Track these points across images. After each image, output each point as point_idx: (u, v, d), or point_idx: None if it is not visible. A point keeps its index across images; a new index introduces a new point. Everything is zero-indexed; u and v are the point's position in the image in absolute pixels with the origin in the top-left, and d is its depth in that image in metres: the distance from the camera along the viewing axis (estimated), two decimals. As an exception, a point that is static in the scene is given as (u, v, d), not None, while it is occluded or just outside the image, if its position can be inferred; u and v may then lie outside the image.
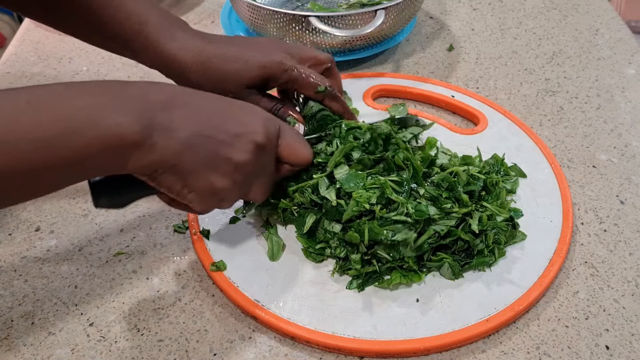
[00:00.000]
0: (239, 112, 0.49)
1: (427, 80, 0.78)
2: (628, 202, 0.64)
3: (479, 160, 0.64)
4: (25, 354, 0.50)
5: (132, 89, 0.44)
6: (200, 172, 0.46)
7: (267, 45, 0.59)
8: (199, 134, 0.45)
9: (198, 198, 0.47)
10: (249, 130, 0.48)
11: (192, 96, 0.47)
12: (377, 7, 0.76)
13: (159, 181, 0.45)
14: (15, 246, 0.59)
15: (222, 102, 0.49)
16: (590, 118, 0.75)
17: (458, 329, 0.50)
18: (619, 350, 0.51)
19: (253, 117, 0.49)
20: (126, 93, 0.43)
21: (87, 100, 0.41)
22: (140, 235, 0.60)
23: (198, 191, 0.47)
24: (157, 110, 0.43)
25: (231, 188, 0.48)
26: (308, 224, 0.55)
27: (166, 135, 0.43)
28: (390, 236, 0.51)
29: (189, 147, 0.44)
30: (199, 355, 0.50)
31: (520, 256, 0.57)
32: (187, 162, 0.45)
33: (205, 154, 0.46)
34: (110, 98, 0.42)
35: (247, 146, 0.47)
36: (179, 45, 0.56)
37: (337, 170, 0.55)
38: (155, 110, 0.43)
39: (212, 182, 0.47)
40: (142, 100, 0.43)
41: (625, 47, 0.88)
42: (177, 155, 0.44)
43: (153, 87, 0.45)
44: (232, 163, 0.47)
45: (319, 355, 0.50)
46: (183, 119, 0.44)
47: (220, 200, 0.49)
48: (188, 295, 0.55)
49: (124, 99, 0.42)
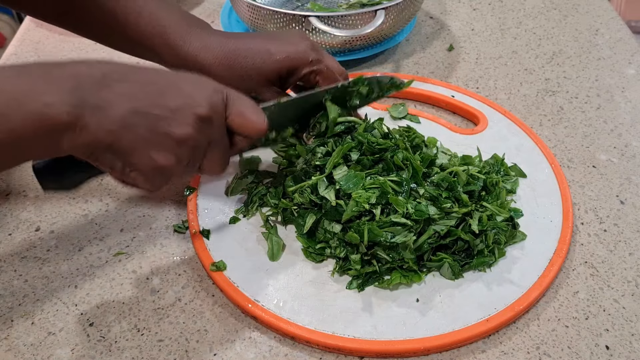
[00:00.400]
0: (181, 84, 0.47)
1: (427, 80, 0.78)
2: (628, 202, 0.64)
3: (478, 160, 0.64)
4: (25, 354, 0.50)
5: (66, 68, 0.42)
6: (139, 150, 0.44)
7: (290, 36, 0.59)
8: (136, 110, 0.43)
9: (142, 176, 0.46)
10: (190, 103, 0.45)
11: (131, 72, 0.45)
12: (377, 7, 0.76)
13: (100, 161, 0.44)
14: (15, 246, 0.59)
15: (164, 75, 0.47)
16: (590, 118, 0.75)
17: (458, 329, 0.50)
18: (619, 350, 0.51)
19: (196, 89, 0.47)
20: (59, 72, 0.42)
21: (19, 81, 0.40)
22: (140, 235, 0.60)
23: (141, 169, 0.45)
24: (89, 88, 0.42)
25: (176, 164, 0.46)
26: (308, 224, 0.55)
27: (99, 114, 0.42)
28: (389, 238, 0.51)
29: (124, 125, 0.43)
30: (199, 355, 0.50)
31: (520, 256, 0.57)
32: (124, 141, 0.43)
33: (144, 131, 0.44)
34: (42, 78, 0.41)
35: (187, 119, 0.45)
36: (200, 45, 0.56)
37: (336, 170, 0.55)
38: (87, 89, 0.41)
39: (154, 159, 0.45)
40: (74, 79, 0.41)
41: (625, 47, 0.88)
42: (112, 133, 0.42)
43: (89, 65, 0.43)
44: (172, 138, 0.45)
45: (319, 355, 0.50)
46: (118, 95, 0.43)
47: (168, 176, 0.47)
48: (188, 295, 0.55)
49: (55, 78, 0.41)
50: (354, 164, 0.56)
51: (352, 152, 0.57)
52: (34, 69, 0.42)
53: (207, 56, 0.56)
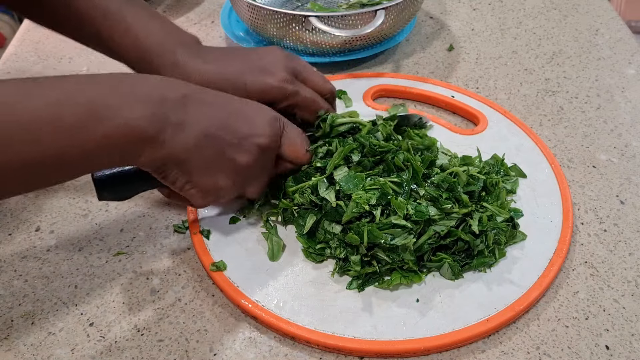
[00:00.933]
0: (248, 112, 0.50)
1: (427, 80, 0.78)
2: (628, 202, 0.64)
3: (478, 161, 0.64)
4: (25, 354, 0.50)
5: (149, 83, 0.45)
6: (205, 170, 0.48)
7: (270, 61, 0.58)
8: (209, 133, 0.47)
9: (199, 194, 0.49)
10: (255, 133, 0.50)
11: (206, 94, 0.49)
12: (377, 7, 0.76)
13: (165, 175, 0.47)
14: (15, 246, 0.59)
15: (233, 101, 0.51)
16: (590, 118, 0.75)
17: (458, 329, 0.50)
18: (619, 350, 0.51)
19: (260, 118, 0.51)
20: (144, 86, 0.44)
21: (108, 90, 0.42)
22: (140, 235, 0.60)
23: (200, 188, 0.49)
24: (172, 106, 0.45)
25: (231, 187, 0.50)
26: (308, 225, 0.55)
27: (179, 131, 0.45)
28: (389, 240, 0.51)
29: (198, 145, 0.46)
30: (199, 355, 0.50)
31: (520, 256, 0.57)
32: (194, 159, 0.47)
33: (213, 153, 0.47)
34: (129, 90, 0.43)
35: (251, 149, 0.49)
36: (180, 72, 0.56)
37: (337, 171, 0.56)
38: (170, 106, 0.45)
39: (215, 180, 0.49)
40: (158, 95, 0.44)
41: (625, 47, 0.88)
42: (187, 151, 0.46)
43: (168, 83, 0.47)
44: (236, 164, 0.49)
45: (319, 355, 0.50)
46: (196, 116, 0.46)
47: (219, 197, 0.51)
48: (188, 295, 0.55)
49: (141, 92, 0.44)
50: (355, 165, 0.57)
51: (354, 153, 0.57)
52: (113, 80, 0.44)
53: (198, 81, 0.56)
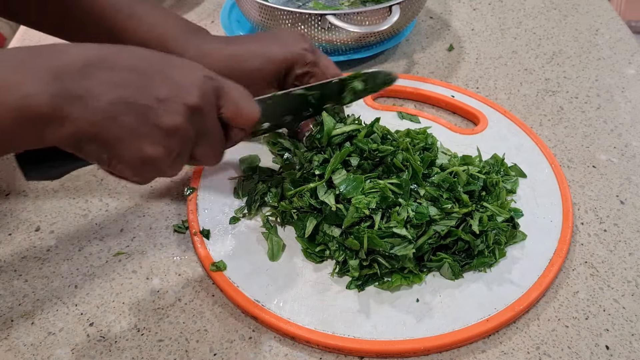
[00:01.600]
0: (170, 71, 0.44)
1: (427, 80, 0.78)
2: (628, 202, 0.64)
3: (479, 160, 0.64)
4: (25, 354, 0.50)
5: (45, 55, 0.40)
6: (126, 142, 0.42)
7: (288, 37, 0.59)
8: (121, 100, 0.41)
9: (130, 169, 0.43)
10: (180, 91, 0.43)
11: (118, 57, 0.42)
12: (389, 3, 0.76)
13: (85, 153, 0.42)
14: (15, 246, 0.59)
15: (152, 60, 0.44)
16: (590, 118, 0.75)
17: (458, 329, 0.50)
18: (619, 350, 0.51)
19: (186, 76, 0.44)
20: (37, 60, 0.39)
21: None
22: (140, 235, 0.60)
23: (128, 162, 0.43)
24: (71, 76, 0.39)
25: (166, 156, 0.43)
26: (309, 229, 0.55)
27: (81, 104, 0.39)
28: (388, 248, 0.51)
29: (109, 116, 0.40)
30: (199, 355, 0.50)
31: (520, 256, 0.57)
32: (109, 132, 0.41)
33: (130, 122, 0.41)
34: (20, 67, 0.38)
35: (177, 109, 0.43)
36: (198, 52, 0.56)
37: (335, 175, 0.55)
38: (69, 77, 0.39)
39: (141, 151, 0.42)
40: (54, 67, 0.39)
41: (625, 47, 0.88)
42: (96, 125, 0.40)
43: (71, 50, 0.41)
44: (161, 129, 0.42)
45: (319, 355, 0.50)
46: (101, 84, 0.40)
47: (158, 169, 0.45)
48: (188, 295, 0.55)
49: (34, 67, 0.39)
50: (354, 169, 0.56)
51: (352, 157, 0.57)
52: (11, 56, 0.39)
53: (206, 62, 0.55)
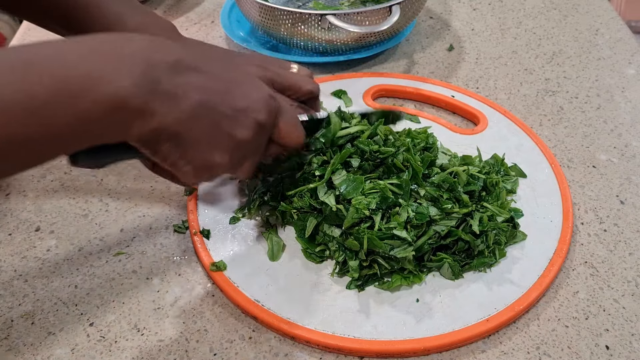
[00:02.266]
0: (244, 85, 0.46)
1: (427, 80, 0.78)
2: (628, 202, 0.64)
3: (479, 160, 0.64)
4: (25, 354, 0.50)
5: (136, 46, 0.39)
6: (201, 145, 0.43)
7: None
8: (205, 104, 0.42)
9: (193, 170, 0.44)
10: (252, 107, 0.45)
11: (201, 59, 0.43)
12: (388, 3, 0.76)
13: (156, 150, 0.42)
14: (15, 246, 0.59)
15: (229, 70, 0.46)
16: (590, 118, 0.75)
17: (458, 329, 0.50)
18: (619, 350, 0.51)
19: (258, 93, 0.46)
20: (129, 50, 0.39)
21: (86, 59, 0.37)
22: (140, 235, 0.60)
23: (195, 164, 0.44)
24: (162, 73, 0.39)
25: (228, 163, 0.45)
26: (309, 229, 0.55)
27: (171, 101, 0.40)
28: (388, 250, 0.51)
29: (193, 117, 0.41)
30: (199, 355, 0.50)
31: (520, 256, 0.57)
32: (189, 133, 0.42)
33: (209, 126, 0.43)
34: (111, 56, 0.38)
35: (249, 123, 0.45)
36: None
37: (335, 175, 0.55)
38: (160, 73, 0.39)
39: (212, 156, 0.44)
40: (145, 61, 0.39)
41: (625, 47, 0.88)
42: (181, 123, 0.41)
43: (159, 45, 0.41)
44: (233, 139, 0.44)
45: (319, 355, 0.50)
46: (190, 85, 0.41)
47: (215, 175, 0.46)
48: (188, 295, 0.55)
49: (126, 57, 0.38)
50: (355, 169, 0.56)
51: (353, 158, 0.57)
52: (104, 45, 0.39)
53: None
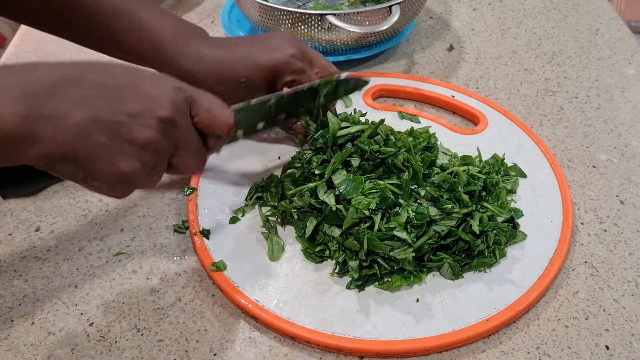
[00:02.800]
0: (140, 85, 0.44)
1: (427, 80, 0.78)
2: (628, 202, 0.64)
3: (479, 160, 0.64)
4: (25, 354, 0.50)
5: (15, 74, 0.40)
6: (100, 159, 0.42)
7: (278, 41, 0.60)
8: (92, 117, 0.41)
9: (106, 185, 0.43)
10: (151, 106, 0.43)
11: (87, 74, 0.42)
12: (388, 3, 0.76)
13: (59, 171, 0.42)
14: (15, 246, 0.59)
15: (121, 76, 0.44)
16: (590, 118, 0.75)
17: (458, 329, 0.50)
18: (619, 350, 0.51)
19: (156, 89, 0.45)
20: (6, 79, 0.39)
21: None
22: (140, 235, 0.60)
23: (103, 178, 0.43)
24: (39, 96, 0.39)
25: (141, 170, 0.44)
26: (309, 229, 0.55)
27: (52, 124, 0.39)
28: (388, 251, 0.51)
29: (80, 135, 0.40)
30: (199, 355, 0.50)
31: (520, 256, 0.57)
32: (82, 151, 0.41)
33: (103, 139, 0.41)
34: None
35: (150, 123, 0.43)
36: (193, 59, 0.57)
37: (335, 175, 0.55)
38: (37, 97, 0.39)
39: (116, 167, 0.42)
40: (22, 87, 0.39)
41: (625, 47, 0.88)
42: (68, 144, 0.40)
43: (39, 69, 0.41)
44: (135, 144, 0.43)
45: (319, 355, 0.50)
46: (71, 103, 0.40)
47: (134, 183, 0.45)
48: (188, 295, 0.55)
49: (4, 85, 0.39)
50: (355, 169, 0.56)
51: (353, 158, 0.57)
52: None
53: (200, 69, 0.57)
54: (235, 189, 0.63)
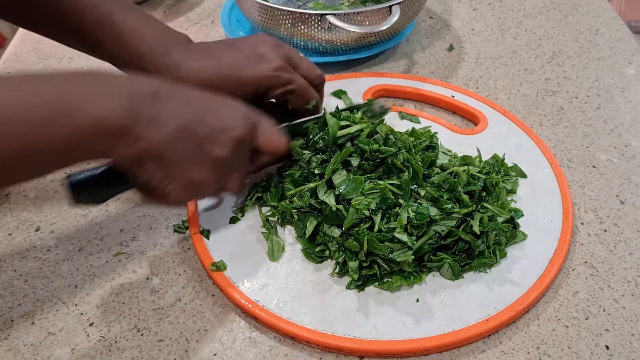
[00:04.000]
0: (219, 108, 0.51)
1: (427, 80, 0.78)
2: (628, 202, 0.64)
3: (479, 160, 0.64)
4: (25, 354, 0.50)
5: (120, 79, 0.45)
6: (183, 164, 0.48)
7: (263, 51, 0.60)
8: (183, 127, 0.47)
9: (177, 189, 0.49)
10: (229, 126, 0.50)
11: (176, 90, 0.49)
12: (388, 3, 0.76)
13: (142, 170, 0.47)
14: (15, 246, 0.59)
15: (204, 96, 0.51)
16: (590, 118, 0.75)
17: (458, 329, 0.50)
18: (619, 350, 0.51)
19: (233, 112, 0.51)
20: (115, 82, 0.44)
21: (79, 85, 0.42)
22: (140, 235, 0.60)
23: (178, 182, 0.48)
24: (144, 100, 0.45)
25: (210, 180, 0.50)
26: (309, 229, 0.55)
27: (153, 125, 0.45)
28: (388, 253, 0.51)
29: (174, 139, 0.46)
30: (199, 355, 0.50)
31: (520, 256, 0.57)
32: (171, 153, 0.47)
33: (189, 147, 0.48)
34: (100, 85, 0.43)
35: (226, 141, 0.49)
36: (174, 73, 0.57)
37: (335, 175, 0.55)
38: (142, 101, 0.44)
39: (193, 174, 0.49)
40: (130, 90, 0.44)
41: (625, 47, 0.88)
42: (163, 145, 0.46)
43: (140, 79, 0.47)
44: (212, 157, 0.49)
45: (319, 355, 0.50)
46: (169, 111, 0.46)
47: (198, 192, 0.51)
48: (188, 295, 0.55)
49: (113, 87, 0.44)
50: (355, 169, 0.56)
51: (353, 157, 0.57)
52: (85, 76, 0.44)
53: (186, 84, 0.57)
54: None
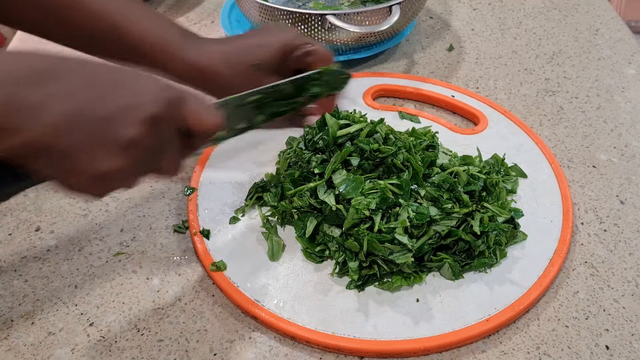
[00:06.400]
0: (127, 82, 0.43)
1: (427, 80, 0.78)
2: (628, 202, 0.64)
3: (479, 160, 0.64)
4: (25, 354, 0.50)
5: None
6: (80, 155, 0.40)
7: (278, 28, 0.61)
8: (77, 111, 0.39)
9: (84, 183, 0.42)
10: (140, 101, 0.42)
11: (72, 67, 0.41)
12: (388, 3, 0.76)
13: (37, 166, 0.40)
14: (15, 246, 0.59)
15: (110, 71, 0.43)
16: (590, 118, 0.75)
17: (458, 329, 0.50)
18: (619, 350, 0.51)
19: (143, 86, 0.43)
20: None
21: None
22: (140, 235, 0.60)
23: (83, 175, 0.41)
24: (22, 86, 0.38)
25: (125, 168, 0.41)
26: (309, 229, 0.55)
27: (33, 114, 0.38)
28: (387, 254, 0.51)
29: (62, 127, 0.39)
30: (199, 355, 0.50)
31: (520, 256, 0.57)
32: (63, 144, 0.39)
33: (84, 134, 0.39)
34: None
35: (135, 119, 0.41)
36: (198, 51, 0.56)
37: (335, 175, 0.55)
38: (19, 87, 0.38)
39: (97, 164, 0.40)
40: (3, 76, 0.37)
41: (625, 47, 0.88)
42: (49, 136, 0.38)
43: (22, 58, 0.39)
44: (118, 141, 0.41)
45: (319, 355, 0.50)
46: (56, 94, 0.39)
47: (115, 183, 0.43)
48: (188, 295, 0.55)
49: None
50: (355, 169, 0.56)
51: (352, 157, 0.57)
52: None
53: (208, 59, 0.56)
54: (235, 189, 0.63)
